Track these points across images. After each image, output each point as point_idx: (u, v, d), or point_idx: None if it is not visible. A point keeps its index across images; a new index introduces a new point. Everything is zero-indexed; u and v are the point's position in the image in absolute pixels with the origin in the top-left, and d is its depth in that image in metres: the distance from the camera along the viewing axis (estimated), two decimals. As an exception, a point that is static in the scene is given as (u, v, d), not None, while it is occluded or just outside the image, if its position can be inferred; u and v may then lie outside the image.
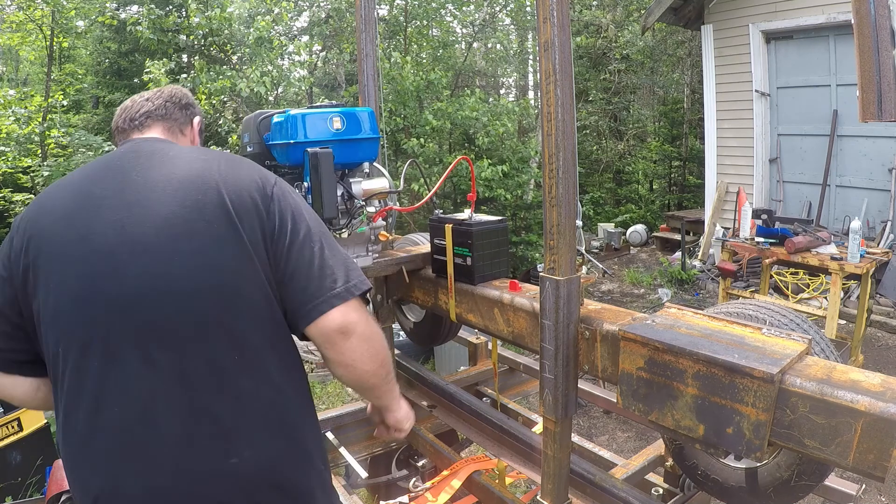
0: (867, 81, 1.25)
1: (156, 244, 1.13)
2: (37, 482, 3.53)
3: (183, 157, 1.26)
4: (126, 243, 1.13)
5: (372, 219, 2.04)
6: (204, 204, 1.16)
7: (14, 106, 8.30)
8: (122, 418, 1.11)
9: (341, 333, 1.20)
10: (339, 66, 9.42)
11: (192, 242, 1.14)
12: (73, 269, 1.14)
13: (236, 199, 1.18)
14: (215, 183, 1.19)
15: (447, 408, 2.48)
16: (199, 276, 1.14)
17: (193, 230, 1.14)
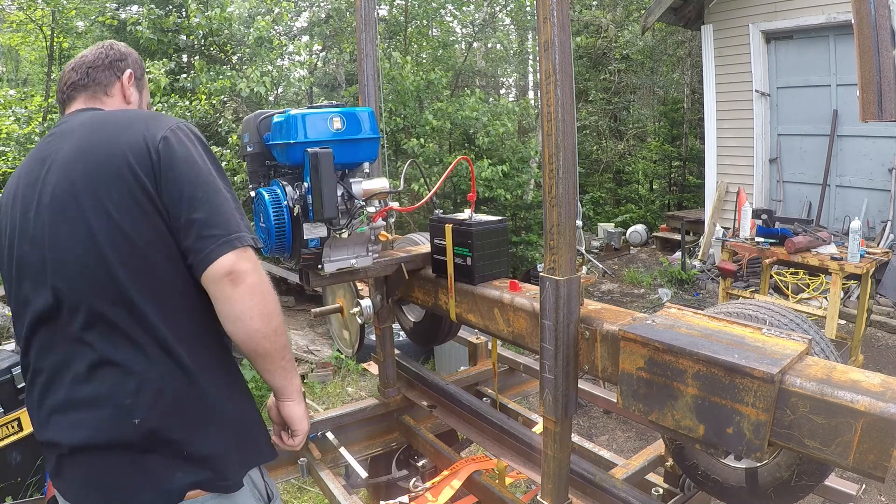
0: (867, 81, 1.25)
1: (50, 218, 1.28)
2: (37, 482, 3.53)
3: (78, 132, 1.34)
4: (28, 224, 1.31)
5: (372, 219, 2.04)
6: (94, 176, 1.26)
7: (14, 106, 8.29)
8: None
9: (230, 280, 1.23)
10: (339, 66, 9.42)
11: (75, 217, 1.25)
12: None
13: (120, 164, 1.25)
14: (104, 152, 1.27)
15: (447, 408, 2.48)
16: (86, 240, 1.25)
17: (90, 197, 1.25)
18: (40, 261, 1.29)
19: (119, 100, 1.52)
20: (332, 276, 2.06)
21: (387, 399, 2.61)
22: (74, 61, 1.51)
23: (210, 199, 1.28)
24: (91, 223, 1.24)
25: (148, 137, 1.28)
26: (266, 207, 1.87)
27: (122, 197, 1.24)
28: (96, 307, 1.24)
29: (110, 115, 1.41)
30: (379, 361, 2.62)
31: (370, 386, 5.77)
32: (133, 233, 1.24)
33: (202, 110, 7.70)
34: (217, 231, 1.25)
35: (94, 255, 1.24)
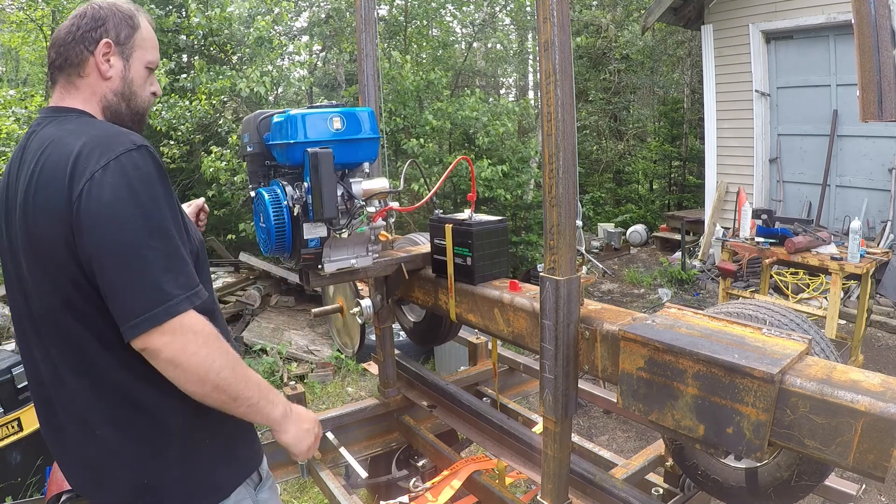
0: (867, 81, 1.25)
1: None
2: (37, 482, 3.53)
3: (30, 158, 1.27)
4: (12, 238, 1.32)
5: (372, 219, 2.04)
6: (26, 218, 1.24)
7: (14, 106, 8.29)
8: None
9: (147, 355, 1.19)
10: (339, 66, 9.41)
11: (22, 257, 1.28)
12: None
13: (41, 208, 1.21)
14: (42, 205, 1.21)
15: (447, 408, 2.48)
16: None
17: (26, 245, 1.26)
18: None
19: (95, 79, 1.34)
20: (332, 276, 2.06)
21: (387, 399, 2.61)
22: (54, 34, 1.36)
23: (120, 264, 1.16)
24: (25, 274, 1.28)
25: (72, 175, 1.17)
26: (266, 207, 1.87)
27: (47, 269, 1.23)
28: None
29: (55, 150, 1.23)
30: (379, 361, 2.62)
31: (370, 386, 5.77)
32: (47, 299, 1.26)
33: (202, 110, 7.69)
34: (125, 314, 1.16)
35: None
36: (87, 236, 1.15)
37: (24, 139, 1.34)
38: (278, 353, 6.13)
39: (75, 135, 1.24)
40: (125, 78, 1.38)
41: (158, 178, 1.22)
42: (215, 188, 8.17)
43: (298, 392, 2.50)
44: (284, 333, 6.78)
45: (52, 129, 1.29)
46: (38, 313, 1.28)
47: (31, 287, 1.27)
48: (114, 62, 1.35)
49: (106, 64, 1.34)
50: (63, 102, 1.36)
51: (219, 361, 1.22)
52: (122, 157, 1.18)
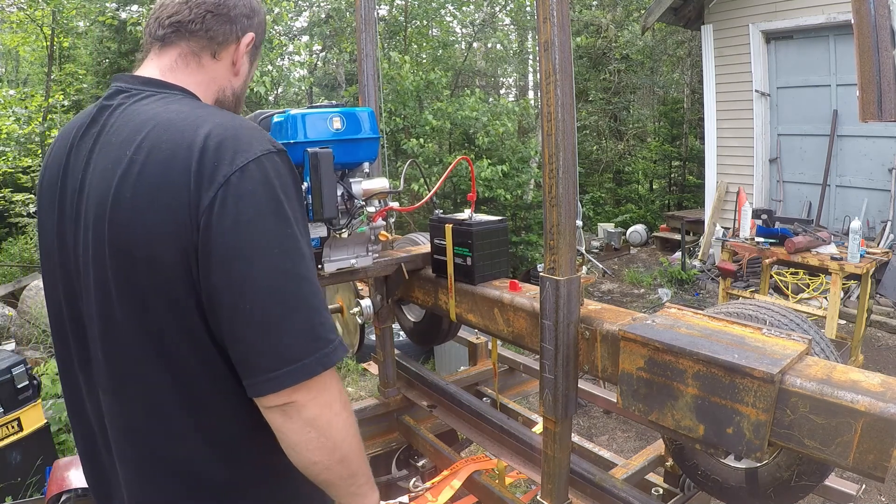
0: (867, 81, 1.25)
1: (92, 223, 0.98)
2: (37, 482, 3.53)
3: (116, 140, 0.98)
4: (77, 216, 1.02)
5: (372, 219, 2.04)
6: (115, 219, 0.94)
7: (14, 106, 8.29)
8: None
9: (281, 411, 0.95)
10: (339, 66, 9.41)
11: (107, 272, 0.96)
12: None
13: (145, 210, 0.91)
14: (135, 185, 0.92)
15: (447, 408, 2.48)
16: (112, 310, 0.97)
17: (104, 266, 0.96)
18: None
19: (226, 68, 1.13)
20: (332, 276, 2.06)
21: (387, 399, 2.61)
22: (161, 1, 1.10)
23: (261, 304, 0.90)
24: (115, 303, 0.95)
25: (204, 175, 0.90)
26: (266, 207, 1.87)
27: (155, 283, 0.93)
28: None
29: (166, 136, 0.94)
30: (379, 361, 2.62)
31: (370, 386, 5.76)
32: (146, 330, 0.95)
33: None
34: (260, 359, 0.91)
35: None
36: (219, 262, 0.88)
37: (91, 113, 1.04)
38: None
39: (193, 119, 0.95)
40: (245, 82, 1.20)
41: (299, 194, 0.98)
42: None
43: (298, 392, 2.49)
44: (284, 333, 6.77)
45: (154, 107, 0.99)
46: (109, 338, 0.97)
47: (102, 302, 0.96)
48: (245, 61, 1.17)
49: (244, 59, 1.16)
50: (170, 76, 1.07)
51: (354, 428, 1.03)
52: (264, 160, 0.93)
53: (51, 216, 1.05)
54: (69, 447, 4.23)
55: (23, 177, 9.41)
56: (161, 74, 1.07)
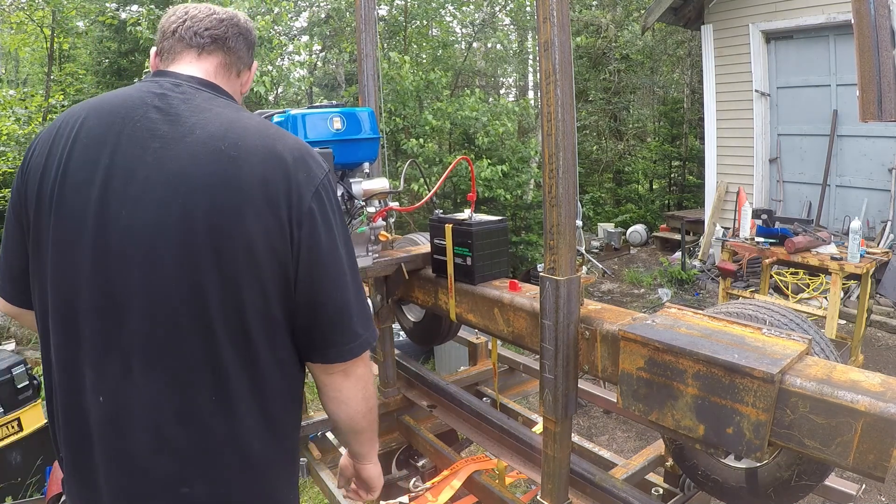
0: (867, 81, 1.25)
1: (174, 222, 1.02)
2: (37, 482, 3.53)
3: (227, 122, 1.07)
4: (147, 208, 1.02)
5: (372, 219, 2.04)
6: (221, 223, 1.01)
7: (14, 106, 8.29)
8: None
9: (343, 373, 1.19)
10: (339, 66, 9.41)
11: (183, 257, 1.02)
12: None
13: (255, 227, 1.02)
14: (239, 196, 1.02)
15: (447, 408, 2.48)
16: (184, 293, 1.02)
17: (196, 247, 1.02)
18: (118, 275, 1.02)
19: (239, 87, 1.26)
20: (332, 276, 2.06)
21: (387, 399, 2.61)
22: (216, 7, 1.21)
23: (340, 298, 1.12)
24: (203, 281, 1.01)
25: (293, 197, 1.04)
26: (266, 207, 1.87)
27: (250, 269, 1.02)
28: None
29: (253, 131, 1.07)
30: (379, 361, 2.62)
31: (370, 386, 5.76)
32: (248, 310, 1.04)
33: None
34: (338, 337, 1.13)
35: (194, 315, 1.02)
36: (312, 271, 1.07)
37: (145, 98, 1.08)
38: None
39: (271, 133, 1.10)
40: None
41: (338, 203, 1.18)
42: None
43: (298, 392, 2.50)
44: (284, 333, 6.77)
45: (225, 110, 1.09)
46: (167, 321, 1.02)
47: (167, 284, 1.01)
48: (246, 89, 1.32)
49: (248, 85, 1.31)
50: (216, 80, 1.18)
51: (374, 384, 1.32)
52: (325, 183, 1.11)
53: (83, 194, 1.03)
54: (69, 447, 4.23)
55: (23, 177, 9.41)
56: (207, 77, 1.18)
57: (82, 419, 1.06)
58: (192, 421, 1.05)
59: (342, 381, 1.20)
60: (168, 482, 1.05)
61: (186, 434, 1.05)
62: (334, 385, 1.20)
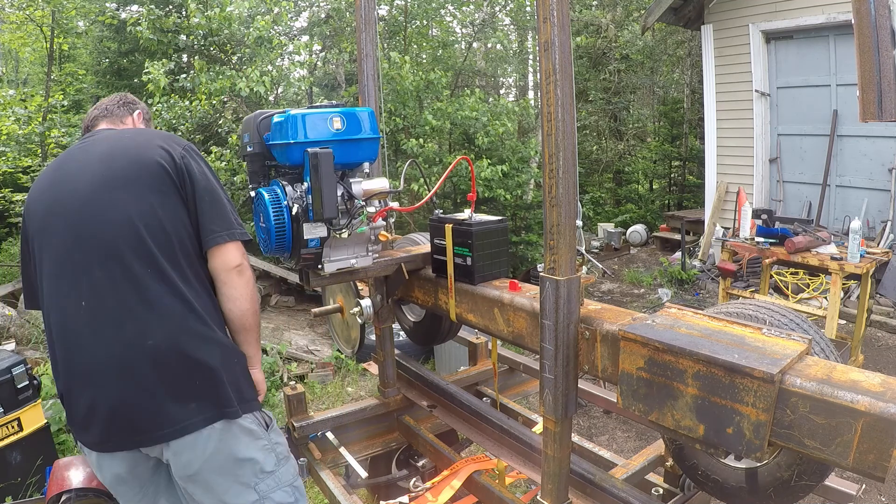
0: (867, 81, 1.25)
1: (90, 194, 1.65)
2: (37, 482, 3.53)
3: (110, 139, 1.78)
4: (74, 196, 1.66)
5: (372, 219, 2.04)
6: (129, 167, 1.67)
7: (14, 106, 8.29)
8: (77, 313, 1.61)
9: (237, 271, 1.69)
10: (339, 66, 9.41)
11: (119, 191, 1.64)
12: (48, 217, 1.70)
13: (151, 162, 1.67)
14: (136, 153, 1.69)
15: (447, 408, 2.48)
16: (124, 213, 1.62)
17: (124, 183, 1.65)
18: (81, 229, 1.64)
19: (130, 126, 1.97)
20: (332, 276, 2.06)
21: (387, 399, 2.61)
22: (96, 106, 1.98)
23: (216, 203, 1.72)
24: (129, 204, 1.63)
25: (173, 150, 1.72)
26: (266, 207, 1.87)
27: (156, 185, 1.65)
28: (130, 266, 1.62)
29: (135, 130, 1.89)
30: (379, 361, 2.62)
31: (370, 386, 5.77)
32: (161, 211, 1.64)
33: (202, 110, 7.69)
34: (221, 224, 1.70)
35: (130, 227, 1.62)
36: (193, 183, 1.73)
37: (80, 143, 1.85)
38: (278, 353, 6.12)
39: (144, 130, 2.00)
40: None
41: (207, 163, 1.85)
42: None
43: (298, 392, 2.50)
44: (284, 333, 6.78)
45: (115, 130, 1.93)
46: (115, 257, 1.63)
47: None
48: (141, 124, 2.03)
49: (140, 123, 2.02)
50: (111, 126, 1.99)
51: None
52: (190, 146, 1.83)
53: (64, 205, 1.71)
54: (69, 447, 4.23)
55: (23, 177, 9.41)
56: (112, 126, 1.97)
57: (73, 329, 1.64)
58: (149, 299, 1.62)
59: (237, 279, 1.70)
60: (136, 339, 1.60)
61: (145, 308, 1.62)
62: (230, 282, 1.69)
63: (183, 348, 1.59)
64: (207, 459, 1.62)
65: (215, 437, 1.62)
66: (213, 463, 1.62)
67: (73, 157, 1.76)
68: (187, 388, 1.60)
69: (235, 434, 1.65)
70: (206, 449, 1.61)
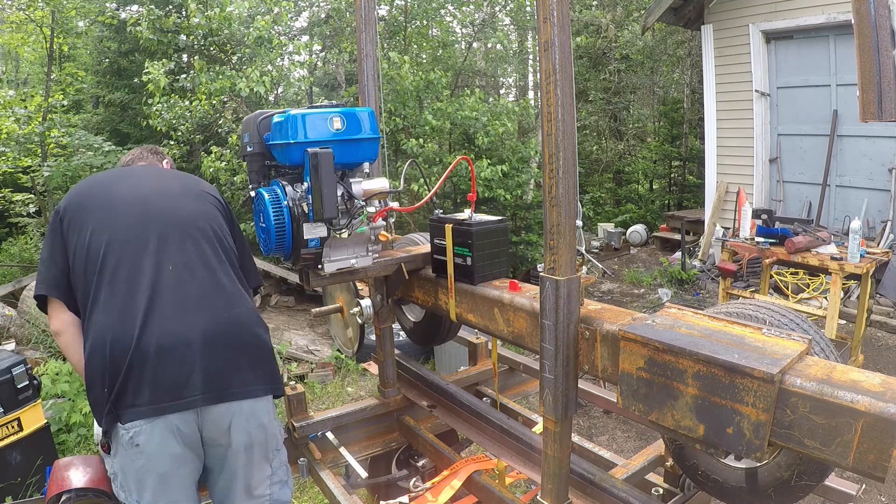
0: (867, 81, 1.25)
1: (159, 193, 1.92)
2: (37, 482, 3.53)
3: (160, 169, 2.14)
4: (154, 194, 1.91)
5: (372, 219, 2.04)
6: (189, 186, 2.00)
7: (14, 106, 8.29)
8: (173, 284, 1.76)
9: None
10: (339, 66, 9.40)
11: (187, 198, 1.93)
12: (116, 211, 1.83)
13: (206, 189, 2.05)
14: (191, 180, 2.07)
15: (447, 408, 2.48)
16: (193, 210, 1.90)
17: (184, 192, 1.96)
18: (156, 212, 1.86)
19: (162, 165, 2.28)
20: (332, 276, 2.06)
21: (387, 399, 2.61)
22: (129, 153, 2.25)
23: (248, 251, 2.09)
24: (196, 206, 1.93)
25: (217, 192, 2.08)
26: (266, 207, 1.87)
27: (214, 203, 1.99)
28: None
29: (177, 171, 2.20)
30: (379, 361, 2.62)
31: (370, 386, 5.77)
32: (218, 220, 1.94)
33: (202, 110, 7.69)
34: (255, 271, 2.11)
35: (201, 219, 1.91)
36: (232, 216, 2.13)
37: (126, 167, 2.14)
38: (278, 353, 6.13)
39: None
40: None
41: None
42: (215, 188, 8.13)
43: (298, 392, 2.50)
44: (284, 333, 6.78)
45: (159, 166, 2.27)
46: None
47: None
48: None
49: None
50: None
51: None
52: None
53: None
54: (69, 447, 4.23)
55: (23, 177, 9.40)
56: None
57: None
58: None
59: None
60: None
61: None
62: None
63: (253, 326, 1.81)
64: (253, 427, 1.77)
65: (261, 408, 1.80)
66: (254, 430, 1.78)
67: (130, 171, 2.03)
68: (256, 358, 1.79)
69: (273, 409, 1.86)
70: (254, 416, 1.77)
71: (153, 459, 1.66)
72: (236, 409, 1.74)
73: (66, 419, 4.33)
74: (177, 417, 1.66)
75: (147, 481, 1.67)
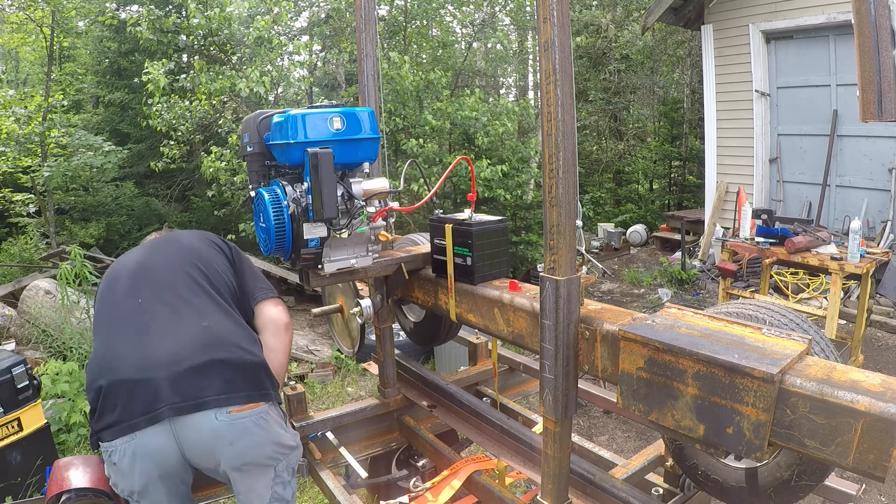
0: (867, 81, 1.25)
1: (167, 253, 2.10)
2: (37, 482, 3.53)
3: (179, 234, 2.30)
4: (153, 249, 2.15)
5: (372, 219, 2.04)
6: (195, 240, 2.17)
7: (14, 106, 8.30)
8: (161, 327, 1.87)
9: (285, 327, 2.07)
10: (339, 66, 9.40)
11: (202, 253, 2.09)
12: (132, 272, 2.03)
13: (210, 237, 2.21)
14: (198, 234, 2.24)
15: (447, 408, 2.48)
16: (189, 250, 2.08)
17: (190, 242, 2.14)
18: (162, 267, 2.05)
19: None
20: (332, 276, 2.06)
21: (387, 399, 2.61)
22: (150, 236, 2.42)
23: (257, 273, 2.19)
24: (193, 254, 2.07)
25: (219, 239, 2.23)
26: (266, 207, 1.87)
27: (213, 244, 2.15)
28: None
29: (188, 230, 2.50)
30: (379, 361, 2.62)
31: (370, 386, 5.77)
32: (216, 260, 2.09)
33: (202, 110, 7.70)
34: (265, 284, 2.16)
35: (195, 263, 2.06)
36: (239, 260, 2.27)
37: (154, 240, 2.30)
38: (278, 353, 6.12)
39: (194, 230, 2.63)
40: None
41: None
42: (215, 188, 8.16)
43: (298, 392, 2.50)
44: (284, 333, 6.77)
45: (174, 231, 2.49)
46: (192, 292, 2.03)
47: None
48: None
49: None
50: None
51: None
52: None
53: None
54: (69, 447, 4.23)
55: (23, 177, 9.41)
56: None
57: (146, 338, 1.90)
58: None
59: (284, 334, 2.05)
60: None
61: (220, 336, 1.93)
62: (279, 336, 2.04)
63: (230, 341, 1.86)
64: (237, 437, 1.79)
65: (256, 416, 1.81)
66: (238, 440, 1.81)
67: (151, 243, 2.24)
68: (232, 369, 1.81)
69: (265, 416, 1.85)
70: (246, 425, 1.80)
71: (128, 477, 1.74)
72: (212, 421, 1.74)
73: (66, 419, 4.33)
74: (150, 435, 1.70)
75: (133, 497, 1.79)
